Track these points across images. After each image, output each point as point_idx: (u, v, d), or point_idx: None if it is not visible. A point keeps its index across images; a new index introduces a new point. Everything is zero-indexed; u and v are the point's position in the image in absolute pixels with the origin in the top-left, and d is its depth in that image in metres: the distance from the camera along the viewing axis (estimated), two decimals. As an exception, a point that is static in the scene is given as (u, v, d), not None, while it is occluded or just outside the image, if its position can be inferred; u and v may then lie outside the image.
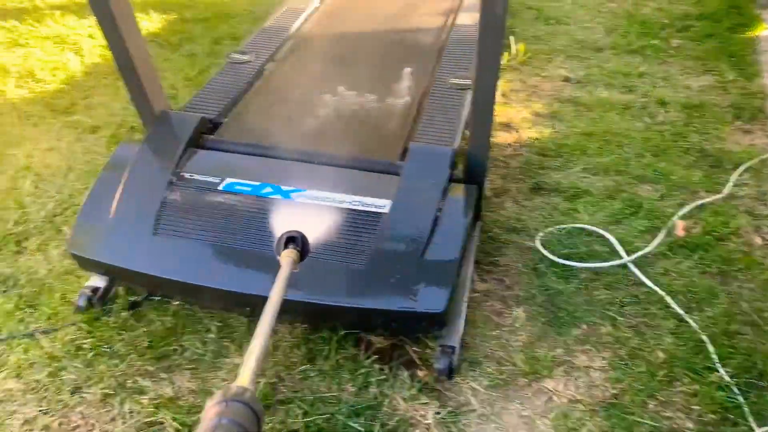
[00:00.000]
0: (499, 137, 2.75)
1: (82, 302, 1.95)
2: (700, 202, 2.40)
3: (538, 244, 2.22)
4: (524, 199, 2.42)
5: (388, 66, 2.56)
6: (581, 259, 2.17)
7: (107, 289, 2.01)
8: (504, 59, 3.26)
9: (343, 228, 1.81)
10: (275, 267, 1.71)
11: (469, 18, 2.98)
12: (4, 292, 2.08)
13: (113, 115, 2.93)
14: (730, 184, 2.49)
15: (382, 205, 1.86)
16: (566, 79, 3.14)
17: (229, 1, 3.83)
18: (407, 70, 2.52)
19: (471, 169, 1.99)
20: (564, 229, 2.29)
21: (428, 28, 2.92)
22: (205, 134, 2.14)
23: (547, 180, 2.50)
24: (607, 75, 3.17)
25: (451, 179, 1.95)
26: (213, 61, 3.12)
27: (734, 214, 2.37)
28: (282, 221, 1.81)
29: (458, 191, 1.93)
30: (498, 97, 2.85)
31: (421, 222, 1.80)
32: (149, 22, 3.53)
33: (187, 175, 1.96)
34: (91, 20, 3.68)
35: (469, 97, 2.36)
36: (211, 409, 0.74)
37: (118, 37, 1.92)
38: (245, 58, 2.60)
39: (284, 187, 1.92)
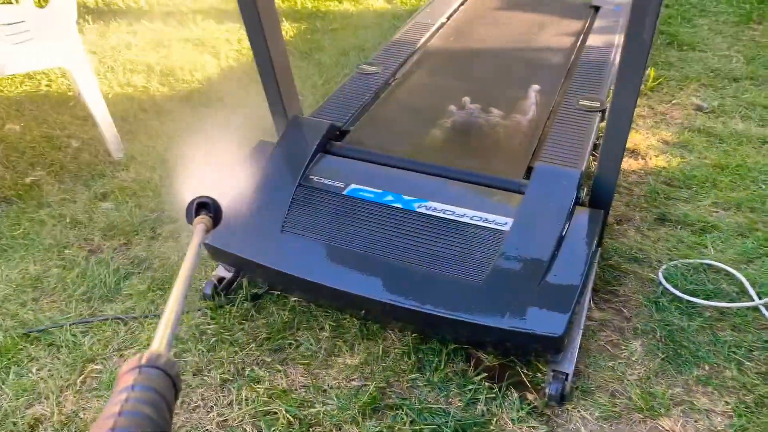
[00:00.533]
0: (624, 163, 2.67)
1: (209, 290, 2.06)
2: None
3: (660, 277, 2.13)
4: (648, 228, 2.34)
5: (515, 83, 2.55)
6: (707, 297, 2.06)
7: (232, 280, 2.12)
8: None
9: (463, 242, 1.82)
10: (388, 273, 1.77)
11: (599, 39, 2.91)
12: (139, 273, 2.23)
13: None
14: None
15: (504, 222, 1.85)
16: (698, 108, 3.00)
17: (358, 14, 3.95)
18: (535, 88, 2.51)
19: (597, 194, 1.95)
20: (689, 264, 2.19)
21: (557, 47, 2.89)
22: (332, 140, 2.21)
23: (673, 211, 2.40)
24: (743, 106, 3.00)
25: (577, 202, 1.91)
26: (339, 70, 3.23)
27: None
28: (404, 230, 1.86)
29: (583, 215, 1.89)
30: (624, 122, 2.77)
31: (544, 242, 1.78)
32: (282, 30, 3.70)
33: (314, 178, 2.04)
34: (228, 25, 3.91)
35: (597, 119, 2.32)
36: (123, 377, 0.70)
37: (262, 41, 2.03)
38: (373, 69, 2.67)
39: (406, 197, 1.96)
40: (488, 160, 2.12)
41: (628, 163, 2.67)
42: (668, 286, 2.10)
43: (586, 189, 1.99)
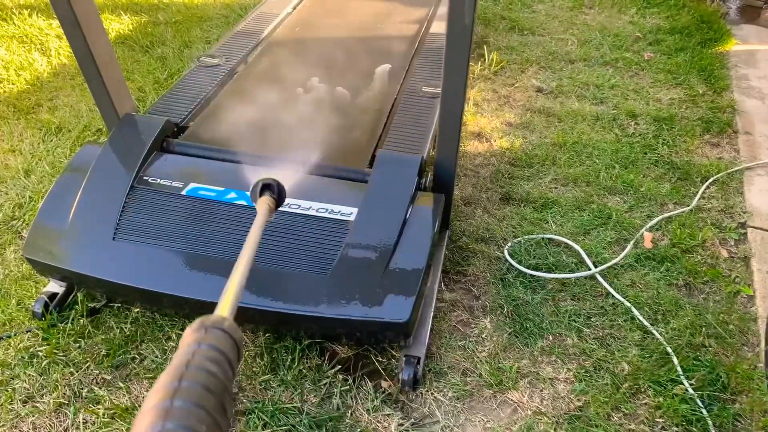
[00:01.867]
0: (470, 146, 2.75)
1: (39, 308, 1.89)
2: (667, 214, 2.42)
3: (506, 254, 2.21)
4: (494, 208, 2.42)
5: (360, 73, 2.54)
6: (549, 270, 2.17)
7: (66, 295, 1.96)
8: (477, 68, 3.26)
9: (310, 236, 1.78)
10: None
11: (442, 27, 2.97)
12: (-42, 296, 2.01)
13: (79, 116, 2.87)
14: (698, 197, 2.51)
15: (349, 212, 1.83)
16: (539, 90, 3.15)
17: (202, 5, 3.78)
18: (379, 77, 2.51)
19: (439, 178, 1.98)
20: (532, 239, 2.29)
21: (401, 35, 2.91)
22: (170, 138, 2.09)
23: (517, 190, 2.50)
24: (579, 86, 3.19)
25: (419, 187, 1.93)
26: (183, 65, 3.08)
27: (701, 226, 2.38)
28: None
29: (426, 200, 1.91)
30: (470, 107, 2.85)
31: (387, 230, 1.78)
32: (120, 24, 3.47)
33: (149, 179, 1.92)
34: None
35: (439, 105, 2.36)
36: (189, 336, 0.72)
37: (80, 37, 1.88)
38: (215, 61, 2.57)
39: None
40: (334, 151, 2.09)
41: (474, 146, 2.75)
42: (513, 262, 2.18)
43: (429, 174, 2.01)
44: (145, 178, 1.92)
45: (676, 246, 2.29)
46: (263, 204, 1.26)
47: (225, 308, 0.82)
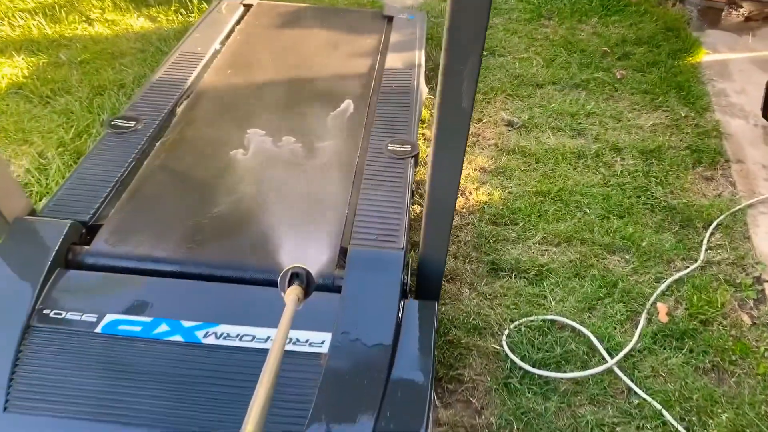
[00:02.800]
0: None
1: None
2: (677, 275, 2.11)
3: (506, 347, 1.85)
4: (482, 284, 2.05)
5: (310, 130, 2.10)
6: (558, 364, 1.82)
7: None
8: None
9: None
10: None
11: (398, 60, 2.58)
12: None
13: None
14: (704, 248, 2.21)
15: (319, 340, 1.43)
16: (509, 124, 2.80)
17: (114, 38, 3.22)
18: (335, 136, 2.09)
19: (425, 281, 1.59)
20: (533, 322, 1.93)
21: (353, 74, 2.49)
22: (77, 246, 1.62)
23: (505, 257, 2.14)
24: (552, 116, 2.85)
25: (404, 294, 1.54)
26: (94, 118, 2.56)
27: (715, 287, 2.09)
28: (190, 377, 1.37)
29: (414, 313, 1.52)
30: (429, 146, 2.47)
31: (372, 364, 1.38)
32: (12, 68, 2.85)
33: (51, 314, 1.45)
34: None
35: (410, 166, 1.97)
36: None
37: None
38: (131, 124, 2.08)
39: (186, 323, 1.45)
40: (290, 248, 1.66)
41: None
42: (516, 358, 1.82)
43: (409, 268, 1.62)
44: (45, 311, 1.45)
45: (693, 317, 1.98)
46: (292, 294, 1.17)
47: (252, 427, 0.77)
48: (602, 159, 2.60)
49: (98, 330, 1.43)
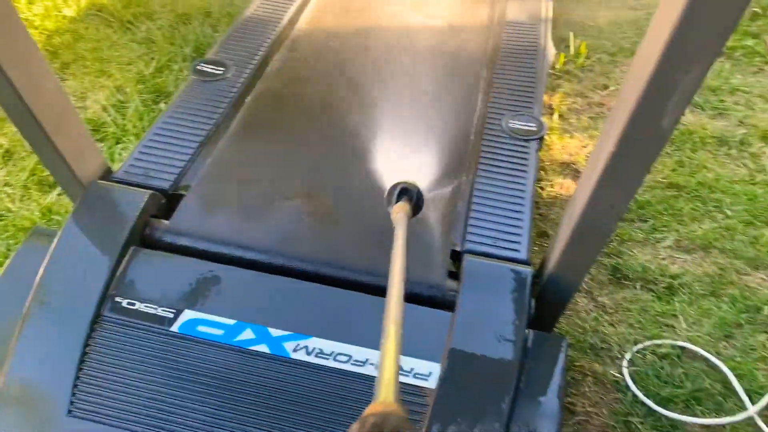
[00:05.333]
0: (559, 185, 2.07)
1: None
2: (835, 305, 1.78)
3: (627, 377, 1.59)
4: (602, 294, 1.77)
5: (423, 100, 1.81)
6: (687, 405, 1.56)
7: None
8: (560, 60, 2.52)
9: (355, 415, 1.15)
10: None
11: (523, 12, 2.21)
12: None
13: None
14: None
15: (426, 371, 1.20)
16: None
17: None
18: (445, 106, 1.79)
19: (546, 308, 1.33)
20: (659, 348, 1.66)
21: (467, 25, 2.15)
22: (156, 220, 1.43)
23: (630, 262, 1.84)
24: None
25: (530, 322, 1.29)
26: (177, 51, 2.33)
27: None
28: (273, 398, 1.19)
29: (543, 347, 1.27)
30: (553, 121, 2.16)
31: (491, 408, 1.16)
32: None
33: (123, 303, 1.27)
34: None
35: (535, 151, 1.68)
36: None
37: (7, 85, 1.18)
38: (219, 70, 1.84)
39: (274, 331, 1.25)
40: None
41: (564, 186, 2.07)
42: (638, 392, 1.56)
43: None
44: (117, 299, 1.27)
45: None
46: (401, 211, 1.10)
47: (389, 390, 0.61)
48: (748, 149, 2.22)
49: (175, 329, 1.24)
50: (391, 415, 0.57)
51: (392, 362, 0.67)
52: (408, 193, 1.16)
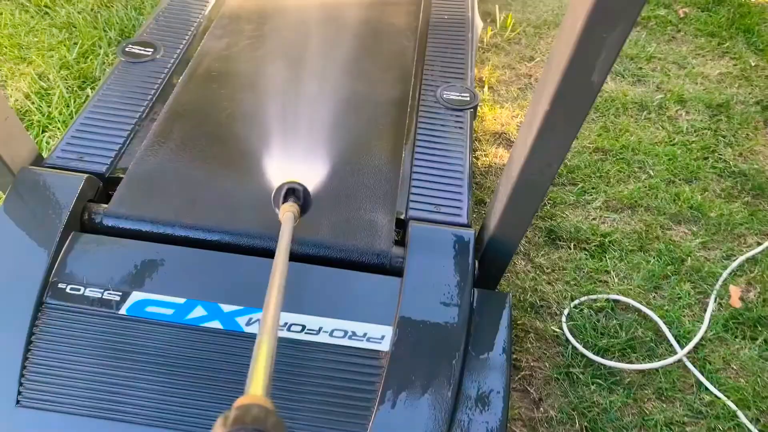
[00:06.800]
0: (492, 154, 2.13)
1: None
2: (749, 253, 1.91)
3: (566, 332, 1.67)
4: (539, 255, 1.85)
5: (358, 73, 1.83)
6: (623, 353, 1.66)
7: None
8: (487, 34, 2.58)
9: (325, 380, 1.18)
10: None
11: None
12: None
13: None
14: (778, 221, 2.02)
15: (378, 335, 1.24)
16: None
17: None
18: (383, 84, 1.81)
19: (488, 268, 1.39)
20: (594, 302, 1.75)
21: (402, 4, 2.18)
22: (93, 204, 1.39)
23: (564, 224, 1.93)
24: (610, 57, 2.56)
25: (474, 283, 1.34)
26: (100, 35, 2.25)
27: (790, 267, 1.91)
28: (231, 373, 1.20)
29: (488, 305, 1.32)
30: (484, 93, 2.22)
31: (442, 366, 1.20)
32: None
33: (67, 289, 1.24)
34: None
35: (469, 118, 1.73)
36: None
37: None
38: (147, 52, 1.80)
39: (225, 307, 1.25)
40: (339, 216, 1.43)
41: (498, 156, 2.13)
42: (577, 344, 1.65)
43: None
44: (60, 285, 1.24)
45: (768, 302, 1.81)
46: (288, 212, 1.10)
47: (258, 384, 0.61)
48: (666, 112, 2.35)
49: (123, 311, 1.23)
50: (253, 407, 0.56)
51: (264, 356, 0.66)
52: (295, 193, 1.16)
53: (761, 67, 2.61)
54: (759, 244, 1.95)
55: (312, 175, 1.50)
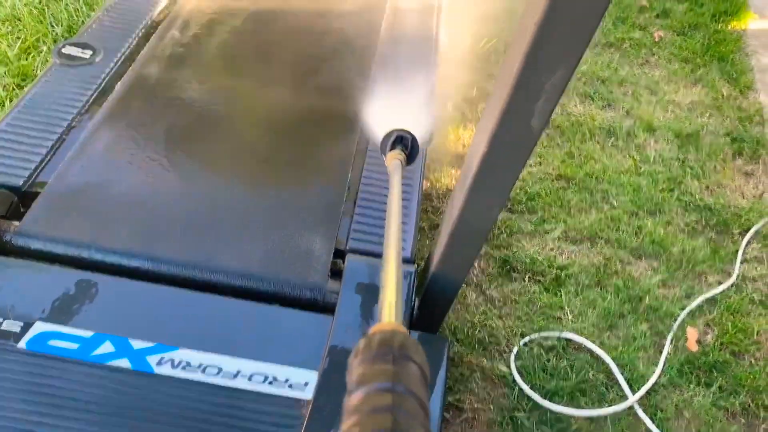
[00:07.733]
0: (448, 177, 2.05)
1: None
2: (709, 294, 1.85)
3: (514, 371, 1.59)
4: (491, 287, 1.77)
5: (308, 94, 1.73)
6: (572, 397, 1.58)
7: None
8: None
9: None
10: None
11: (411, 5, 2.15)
12: None
13: None
14: (738, 260, 1.96)
15: (302, 381, 1.14)
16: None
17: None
18: (333, 106, 1.71)
19: (430, 310, 1.30)
20: (546, 340, 1.68)
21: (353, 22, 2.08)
22: (4, 219, 1.28)
23: (519, 254, 1.85)
24: (580, 79, 2.50)
25: (412, 321, 1.26)
26: (46, 31, 2.13)
27: (749, 310, 1.85)
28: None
29: (425, 350, 1.23)
30: (448, 110, 2.14)
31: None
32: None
33: (-35, 318, 1.13)
34: None
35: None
36: (367, 367, 0.53)
37: None
38: (85, 55, 1.68)
39: (136, 343, 1.15)
40: (270, 245, 1.33)
41: (455, 178, 2.05)
42: (525, 386, 1.57)
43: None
44: (-43, 313, 1.13)
45: (725, 346, 1.74)
46: (395, 158, 1.10)
47: (391, 312, 0.63)
48: (634, 140, 2.28)
49: (22, 345, 1.12)
50: (397, 332, 0.58)
51: (393, 287, 0.69)
52: (403, 141, 1.14)
53: (733, 98, 2.56)
54: (720, 283, 1.89)
55: (244, 196, 1.41)
